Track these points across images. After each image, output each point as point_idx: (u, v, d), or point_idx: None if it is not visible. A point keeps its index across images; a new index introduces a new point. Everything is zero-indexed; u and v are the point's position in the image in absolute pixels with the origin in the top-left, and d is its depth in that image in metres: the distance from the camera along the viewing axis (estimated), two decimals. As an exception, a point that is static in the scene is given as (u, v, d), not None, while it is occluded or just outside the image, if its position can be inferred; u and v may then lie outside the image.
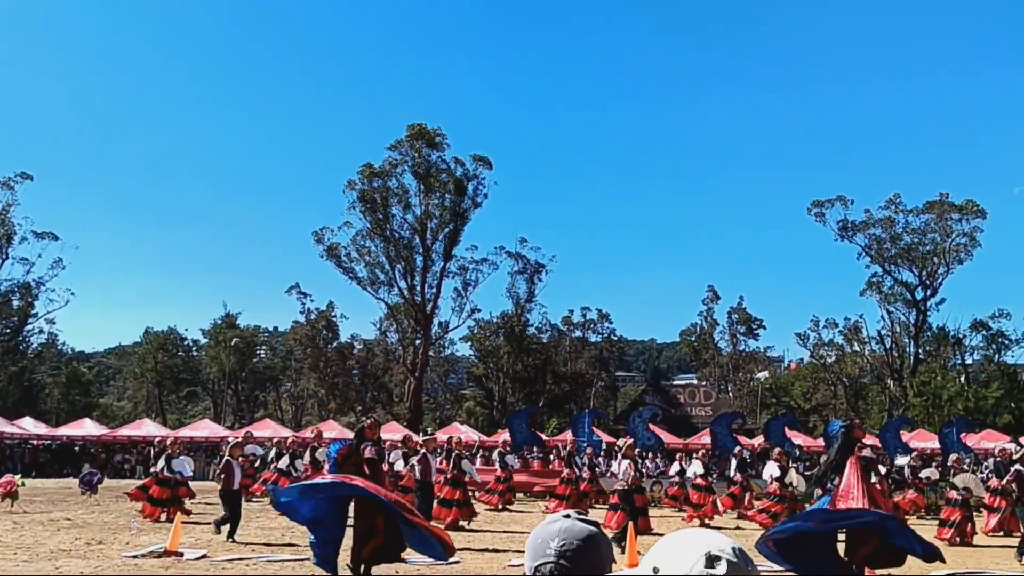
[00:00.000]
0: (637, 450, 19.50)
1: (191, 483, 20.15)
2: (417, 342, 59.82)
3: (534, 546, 1.62)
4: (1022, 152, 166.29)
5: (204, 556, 12.31)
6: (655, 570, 1.45)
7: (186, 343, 75.40)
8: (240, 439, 23.82)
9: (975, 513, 17.29)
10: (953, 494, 16.71)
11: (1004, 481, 14.11)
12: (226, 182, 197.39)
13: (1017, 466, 13.86)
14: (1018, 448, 15.30)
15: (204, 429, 43.04)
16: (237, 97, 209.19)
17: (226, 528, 14.34)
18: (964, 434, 39.36)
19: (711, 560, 1.42)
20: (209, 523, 15.65)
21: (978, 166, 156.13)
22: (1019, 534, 15.25)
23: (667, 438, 39.67)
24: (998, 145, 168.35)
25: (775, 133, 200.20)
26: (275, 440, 25.80)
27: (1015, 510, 16.14)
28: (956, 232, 57.69)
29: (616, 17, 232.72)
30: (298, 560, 12.05)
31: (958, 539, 15.96)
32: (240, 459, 16.22)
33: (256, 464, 24.75)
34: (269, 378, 76.28)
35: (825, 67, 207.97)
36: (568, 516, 1.64)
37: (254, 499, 23.20)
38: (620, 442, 17.14)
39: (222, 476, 14.77)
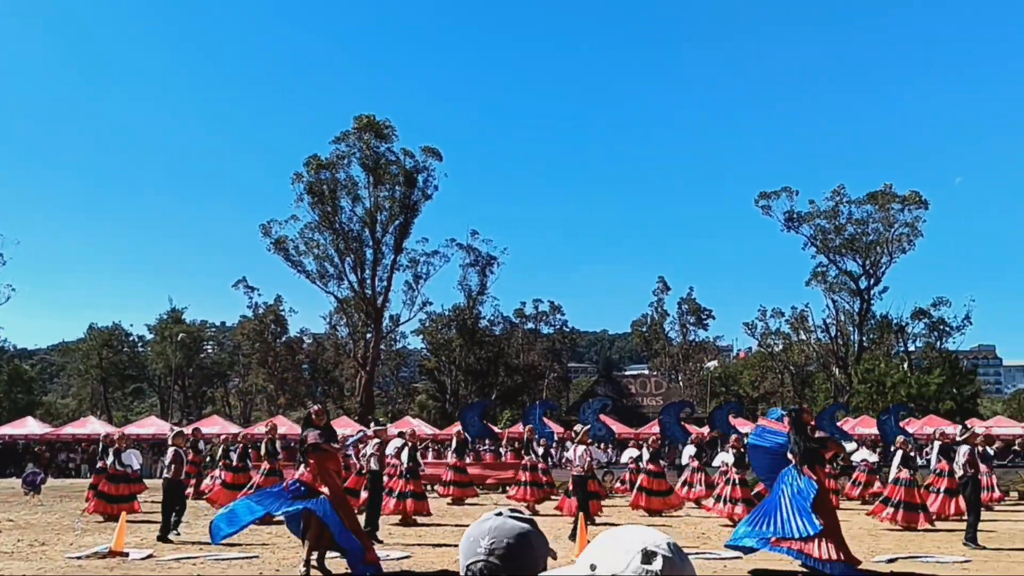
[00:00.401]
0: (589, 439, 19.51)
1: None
2: (368, 336, 59.42)
3: (466, 545, 1.60)
4: (964, 143, 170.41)
5: (150, 556, 12.09)
6: (592, 567, 1.44)
7: (131, 339, 74.14)
8: (190, 435, 23.47)
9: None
10: (904, 474, 16.90)
11: (963, 463, 14.27)
12: (171, 175, 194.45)
13: (964, 447, 14.13)
14: (963, 431, 15.62)
15: (151, 426, 42.31)
16: (182, 89, 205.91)
17: (175, 529, 14.12)
18: (907, 420, 40.29)
19: (648, 556, 1.42)
20: (156, 521, 15.36)
21: (922, 157, 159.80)
22: (966, 518, 15.51)
23: (618, 428, 39.95)
24: (941, 136, 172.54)
25: (723, 128, 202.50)
26: (223, 437, 25.40)
27: (963, 493, 16.41)
28: (899, 222, 58.88)
29: (573, 17, 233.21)
30: (246, 558, 11.90)
31: (909, 523, 16.16)
32: (188, 451, 15.90)
33: (207, 460, 24.36)
34: (217, 373, 75.30)
35: (772, 64, 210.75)
36: (500, 514, 1.62)
37: (203, 497, 22.85)
38: (577, 427, 17.22)
39: (172, 467, 14.47)
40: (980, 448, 14.65)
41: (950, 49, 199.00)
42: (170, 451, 14.83)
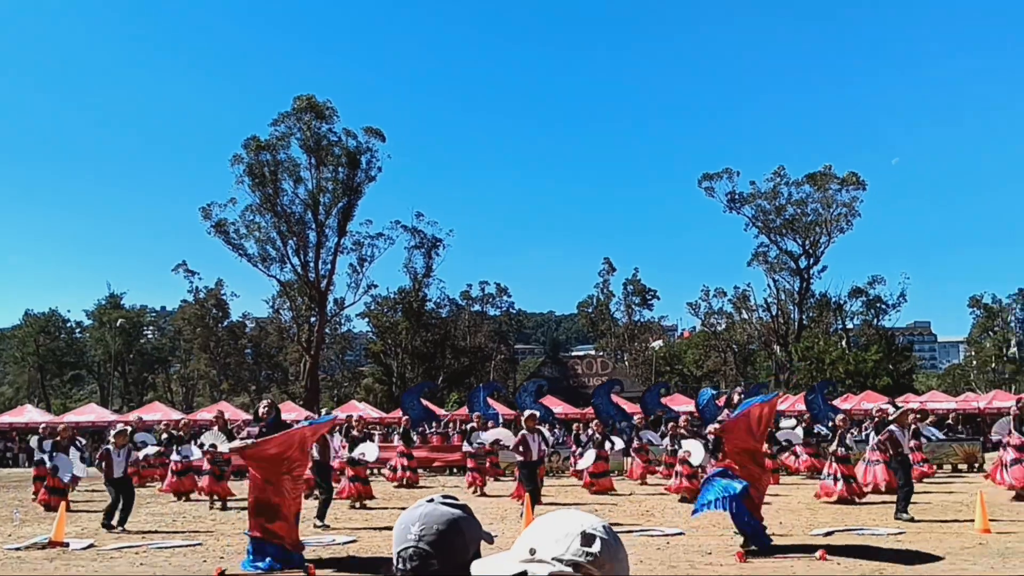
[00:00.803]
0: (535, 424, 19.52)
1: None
2: (312, 319, 58.92)
3: (398, 531, 1.62)
4: (900, 124, 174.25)
5: (91, 546, 11.91)
6: (532, 551, 1.46)
7: (69, 325, 72.67)
8: (132, 424, 23.01)
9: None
10: (840, 451, 17.43)
11: (877, 440, 14.90)
12: (108, 157, 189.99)
13: (891, 427, 14.55)
14: (894, 409, 16.02)
15: (90, 413, 41.53)
16: (116, 69, 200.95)
17: (117, 516, 13.86)
18: (844, 396, 41.11)
19: (587, 539, 1.44)
20: (97, 511, 15.12)
21: (860, 138, 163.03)
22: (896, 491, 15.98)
23: (565, 408, 40.28)
24: (879, 118, 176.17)
25: (667, 111, 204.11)
26: (163, 423, 25.04)
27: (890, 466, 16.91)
28: (837, 202, 60.05)
29: (518, 1, 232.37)
30: (189, 546, 11.78)
31: (846, 495, 16.64)
32: (129, 448, 15.46)
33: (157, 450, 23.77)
34: (158, 359, 74.14)
35: (714, 49, 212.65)
36: (431, 500, 1.64)
37: (146, 485, 22.58)
38: (526, 414, 17.24)
39: (102, 464, 14.17)
40: (912, 425, 15.06)
41: (887, 34, 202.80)
42: (101, 449, 14.59)
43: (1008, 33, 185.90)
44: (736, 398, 11.56)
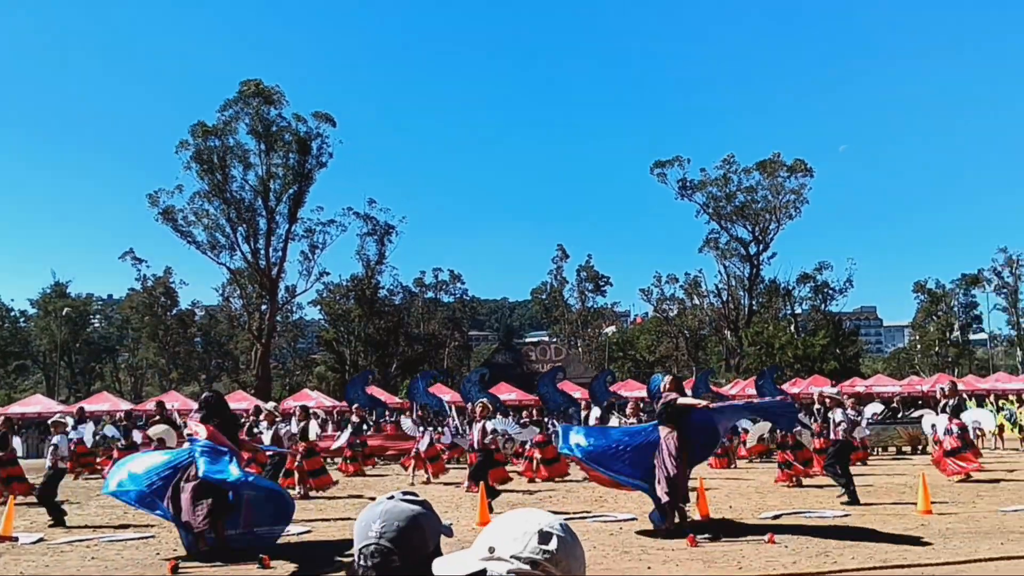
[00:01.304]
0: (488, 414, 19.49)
1: (23, 462, 19.03)
2: (263, 307, 58.33)
3: (359, 528, 1.66)
4: (847, 111, 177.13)
5: (41, 540, 11.74)
6: (491, 550, 1.50)
7: (12, 314, 71.06)
8: (74, 414, 22.76)
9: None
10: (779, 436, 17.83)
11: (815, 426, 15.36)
12: (49, 139, 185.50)
13: (836, 412, 14.96)
14: (826, 393, 16.47)
15: (36, 404, 40.67)
16: (61, 47, 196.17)
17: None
18: (792, 380, 41.76)
19: (544, 537, 1.49)
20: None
21: (808, 125, 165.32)
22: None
23: (519, 395, 40.42)
24: (826, 105, 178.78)
25: (621, 96, 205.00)
26: (117, 414, 24.73)
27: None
28: (786, 190, 61.01)
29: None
30: (142, 539, 11.67)
31: (794, 480, 17.04)
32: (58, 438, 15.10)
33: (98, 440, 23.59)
34: (105, 349, 72.93)
35: (665, 32, 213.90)
36: (392, 497, 1.68)
37: (93, 478, 22.31)
38: (477, 406, 17.20)
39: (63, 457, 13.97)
40: (851, 411, 15.45)
41: (834, 22, 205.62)
42: (57, 441, 14.38)
43: (955, 19, 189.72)
44: (664, 390, 11.74)
